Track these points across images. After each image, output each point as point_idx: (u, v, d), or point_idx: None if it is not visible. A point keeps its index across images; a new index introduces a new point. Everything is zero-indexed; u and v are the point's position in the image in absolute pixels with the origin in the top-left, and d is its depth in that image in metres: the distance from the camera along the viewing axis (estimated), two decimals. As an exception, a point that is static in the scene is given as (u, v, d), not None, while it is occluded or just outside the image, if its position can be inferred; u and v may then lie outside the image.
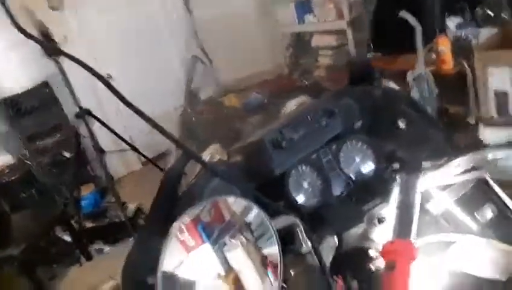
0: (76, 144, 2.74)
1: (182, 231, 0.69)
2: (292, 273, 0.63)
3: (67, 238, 3.02)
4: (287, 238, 0.68)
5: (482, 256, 0.79)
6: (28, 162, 2.93)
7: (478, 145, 0.85)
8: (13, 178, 3.08)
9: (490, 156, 0.85)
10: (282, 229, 0.66)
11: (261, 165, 0.84)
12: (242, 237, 0.70)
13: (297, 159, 0.87)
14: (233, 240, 0.70)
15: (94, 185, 3.51)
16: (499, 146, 0.85)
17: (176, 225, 0.62)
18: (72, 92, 2.44)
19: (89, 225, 3.19)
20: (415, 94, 2.26)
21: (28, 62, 3.16)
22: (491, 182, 1.00)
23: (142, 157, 3.70)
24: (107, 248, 2.97)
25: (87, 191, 3.33)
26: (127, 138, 2.83)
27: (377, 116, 1.03)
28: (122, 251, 0.78)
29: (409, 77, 2.26)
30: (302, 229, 0.63)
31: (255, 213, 0.69)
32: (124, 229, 2.81)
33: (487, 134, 0.84)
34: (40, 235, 2.71)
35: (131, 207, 2.93)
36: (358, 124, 1.00)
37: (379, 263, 0.81)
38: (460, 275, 0.77)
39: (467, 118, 2.25)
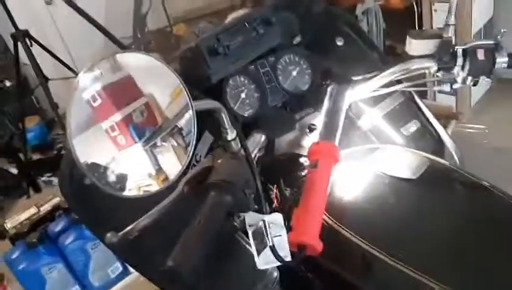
0: (17, 71, 2.58)
1: (113, 128, 0.69)
2: (219, 161, 0.66)
3: (14, 170, 2.96)
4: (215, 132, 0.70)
5: (399, 160, 0.87)
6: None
7: (406, 58, 0.90)
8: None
9: (415, 67, 0.90)
10: (211, 122, 0.67)
11: (198, 72, 0.84)
12: (173, 140, 0.72)
13: (235, 67, 0.87)
14: (164, 143, 0.71)
15: (40, 117, 3.38)
16: (424, 57, 0.89)
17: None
18: (8, 12, 2.25)
19: (36, 157, 3.12)
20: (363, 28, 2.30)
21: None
22: (418, 99, 1.07)
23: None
24: (56, 180, 2.93)
25: (32, 123, 3.20)
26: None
27: (316, 33, 1.05)
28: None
29: (358, 10, 2.27)
30: (227, 115, 0.65)
31: (186, 118, 0.71)
32: (72, 160, 2.76)
33: (413, 46, 0.88)
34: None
35: (80, 139, 2.86)
36: (298, 39, 1.01)
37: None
38: (380, 176, 0.84)
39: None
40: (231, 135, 0.67)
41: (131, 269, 1.93)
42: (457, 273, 0.67)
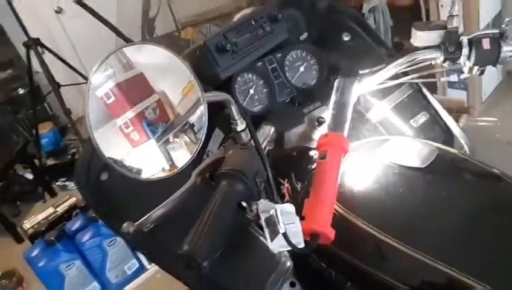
0: (30, 78, 2.64)
1: (127, 125, 0.71)
2: (230, 152, 0.67)
3: (29, 176, 3.01)
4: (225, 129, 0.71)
5: (409, 150, 0.87)
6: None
7: (412, 50, 0.90)
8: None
9: (421, 58, 0.90)
10: (221, 120, 0.69)
11: (206, 70, 0.86)
12: (186, 136, 0.73)
13: (243, 64, 0.89)
14: (176, 139, 0.73)
15: (53, 123, 3.45)
16: (429, 48, 0.90)
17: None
18: (20, 22, 2.31)
19: (50, 162, 3.18)
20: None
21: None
22: (426, 91, 1.08)
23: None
24: (71, 184, 2.97)
25: (46, 130, 3.27)
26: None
27: (322, 29, 1.06)
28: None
29: (365, 8, 2.28)
30: (236, 106, 0.66)
31: (198, 114, 0.72)
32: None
33: (418, 37, 0.88)
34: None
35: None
36: (304, 35, 1.03)
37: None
38: (389, 166, 0.84)
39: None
40: (241, 126, 0.68)
41: (147, 266, 1.96)
42: (469, 259, 0.68)
